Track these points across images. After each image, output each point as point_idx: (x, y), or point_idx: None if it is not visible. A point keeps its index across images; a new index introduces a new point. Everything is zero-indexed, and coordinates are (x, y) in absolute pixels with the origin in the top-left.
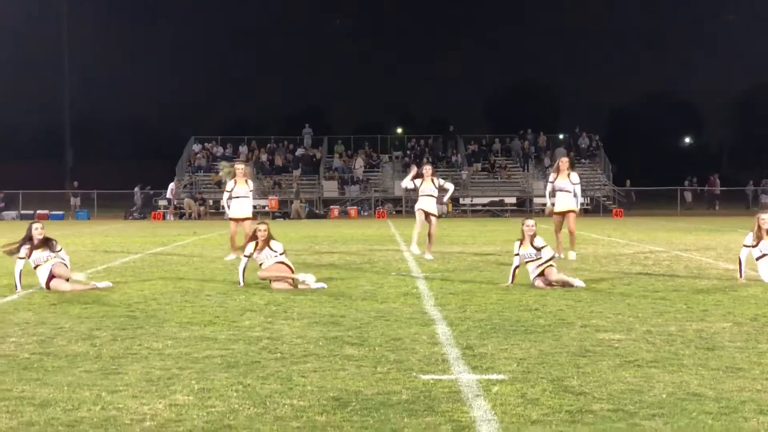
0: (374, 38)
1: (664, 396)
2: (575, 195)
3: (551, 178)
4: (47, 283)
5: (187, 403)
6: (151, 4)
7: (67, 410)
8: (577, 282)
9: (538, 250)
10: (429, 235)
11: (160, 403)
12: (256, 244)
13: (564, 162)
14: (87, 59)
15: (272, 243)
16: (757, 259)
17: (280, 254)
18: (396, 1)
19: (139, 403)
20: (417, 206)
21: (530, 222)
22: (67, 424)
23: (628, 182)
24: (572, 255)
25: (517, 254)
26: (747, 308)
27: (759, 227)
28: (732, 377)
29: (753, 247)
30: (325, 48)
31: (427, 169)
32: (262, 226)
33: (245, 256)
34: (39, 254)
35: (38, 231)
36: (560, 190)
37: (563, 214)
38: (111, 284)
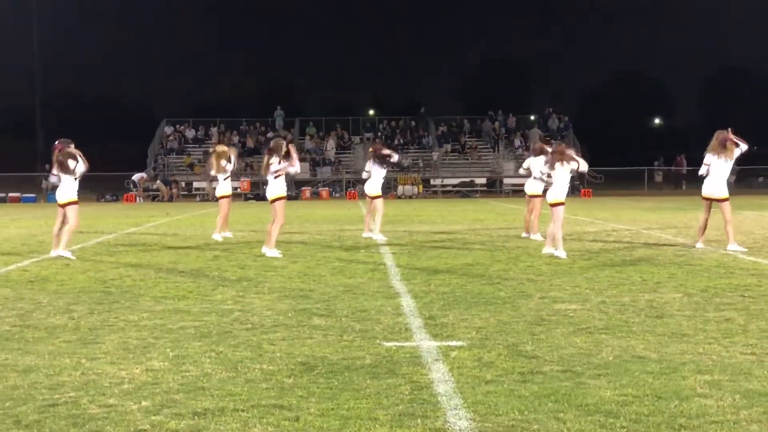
0: (346, 20)
1: (610, 359)
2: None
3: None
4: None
5: (163, 368)
6: None
7: (49, 375)
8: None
9: None
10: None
11: (137, 368)
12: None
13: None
14: (58, 40)
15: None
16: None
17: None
18: None
19: (117, 369)
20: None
21: None
22: (50, 387)
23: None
24: (539, 236)
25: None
26: (699, 280)
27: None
28: (676, 342)
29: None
30: (296, 30)
31: (369, 152)
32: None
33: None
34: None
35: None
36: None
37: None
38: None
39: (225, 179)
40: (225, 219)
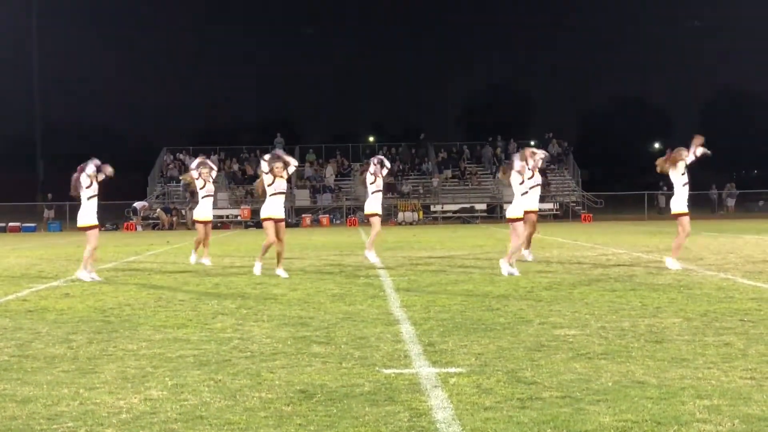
0: (346, 48)
1: (609, 384)
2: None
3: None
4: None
5: (161, 398)
6: (123, 13)
7: (47, 405)
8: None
9: None
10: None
11: (135, 398)
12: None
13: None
14: (57, 70)
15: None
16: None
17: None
18: (368, 11)
19: (115, 398)
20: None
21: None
22: (48, 418)
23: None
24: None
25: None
26: (699, 305)
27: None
28: (676, 367)
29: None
30: (296, 57)
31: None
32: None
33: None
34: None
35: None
36: (537, 185)
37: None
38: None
39: (204, 198)
40: (200, 243)
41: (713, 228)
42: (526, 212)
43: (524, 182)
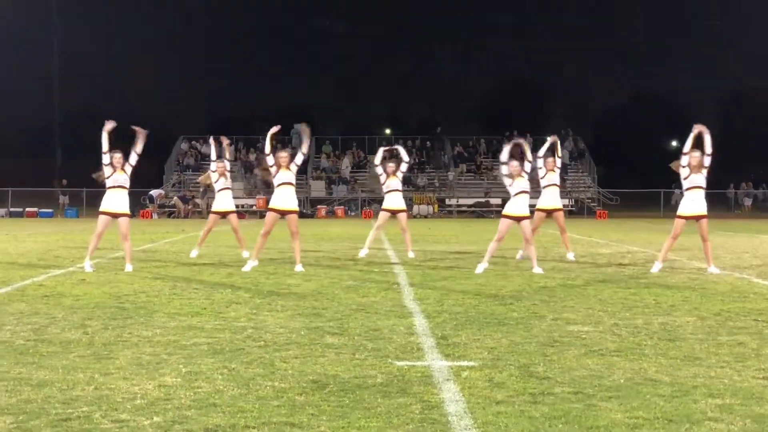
0: (363, 39)
1: (622, 381)
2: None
3: (542, 173)
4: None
5: (176, 384)
6: (141, 2)
7: (62, 390)
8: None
9: None
10: (402, 230)
11: (149, 384)
12: (279, 166)
13: (551, 161)
14: (76, 57)
15: (291, 166)
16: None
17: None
18: (385, 2)
19: (130, 384)
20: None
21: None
22: (63, 402)
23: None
24: (570, 255)
25: None
26: (713, 304)
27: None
28: (689, 365)
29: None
30: (314, 48)
31: (391, 166)
32: (284, 153)
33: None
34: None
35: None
36: (551, 185)
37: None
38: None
39: (220, 191)
40: (205, 237)
41: (729, 227)
42: (539, 210)
43: (512, 185)
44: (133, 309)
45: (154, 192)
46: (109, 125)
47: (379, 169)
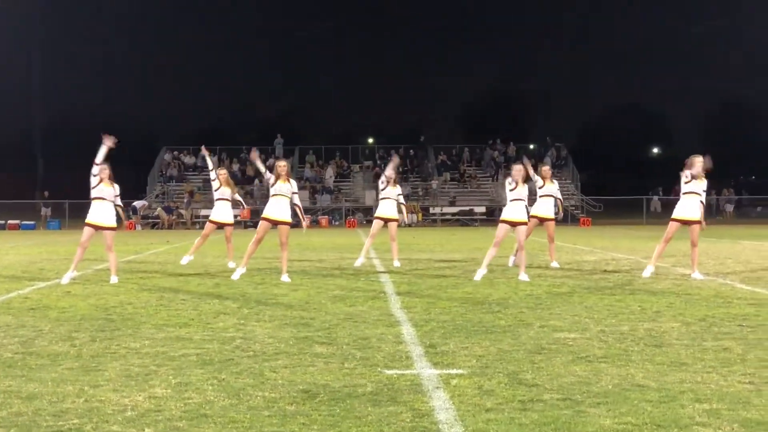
0: (347, 48)
1: (610, 387)
2: (557, 202)
3: (539, 184)
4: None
5: (166, 396)
6: (124, 11)
7: (52, 402)
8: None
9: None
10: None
11: (139, 395)
12: (277, 176)
13: (547, 170)
14: (57, 68)
15: (291, 180)
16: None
17: (293, 193)
18: (370, 11)
19: (120, 396)
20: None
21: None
22: (54, 414)
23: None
24: (555, 264)
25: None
26: (697, 309)
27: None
28: (675, 371)
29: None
30: (297, 58)
31: (391, 174)
32: (283, 162)
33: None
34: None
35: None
36: (547, 195)
37: (544, 220)
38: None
39: (218, 201)
40: (200, 244)
41: (712, 234)
42: (533, 216)
43: (513, 190)
44: (120, 320)
45: (137, 203)
46: (109, 141)
47: (383, 177)
